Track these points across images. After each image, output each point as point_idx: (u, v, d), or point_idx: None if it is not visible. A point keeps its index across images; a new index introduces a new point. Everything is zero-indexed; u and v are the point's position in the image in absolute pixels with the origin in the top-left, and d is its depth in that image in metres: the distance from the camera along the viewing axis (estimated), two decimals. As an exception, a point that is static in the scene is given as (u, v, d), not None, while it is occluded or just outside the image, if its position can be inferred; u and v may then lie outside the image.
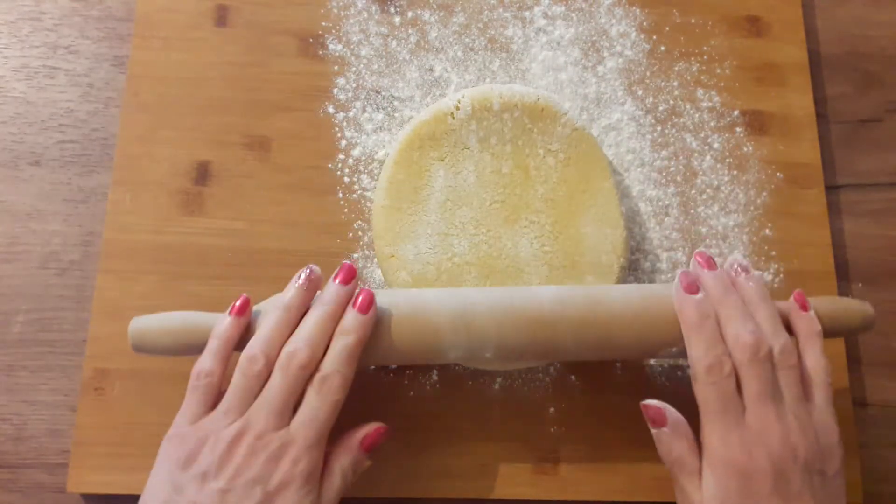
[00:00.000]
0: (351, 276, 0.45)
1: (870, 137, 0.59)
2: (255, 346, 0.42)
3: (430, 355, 0.45)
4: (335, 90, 0.56)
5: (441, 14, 0.58)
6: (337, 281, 0.44)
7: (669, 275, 0.53)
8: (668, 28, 0.59)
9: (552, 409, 0.51)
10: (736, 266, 0.45)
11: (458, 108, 0.51)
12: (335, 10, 0.58)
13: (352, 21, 0.58)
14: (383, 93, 0.56)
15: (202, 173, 0.54)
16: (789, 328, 0.45)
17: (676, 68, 0.58)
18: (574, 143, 0.51)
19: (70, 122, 0.56)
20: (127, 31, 0.58)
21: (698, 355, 0.42)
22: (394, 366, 0.51)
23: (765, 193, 0.56)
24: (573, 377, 0.51)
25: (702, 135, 0.57)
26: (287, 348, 0.42)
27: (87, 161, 0.56)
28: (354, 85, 0.56)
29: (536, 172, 0.51)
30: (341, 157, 0.55)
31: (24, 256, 0.54)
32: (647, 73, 0.58)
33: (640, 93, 0.57)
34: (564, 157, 0.51)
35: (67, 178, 0.55)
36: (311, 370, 0.42)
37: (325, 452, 0.42)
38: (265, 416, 0.40)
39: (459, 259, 0.50)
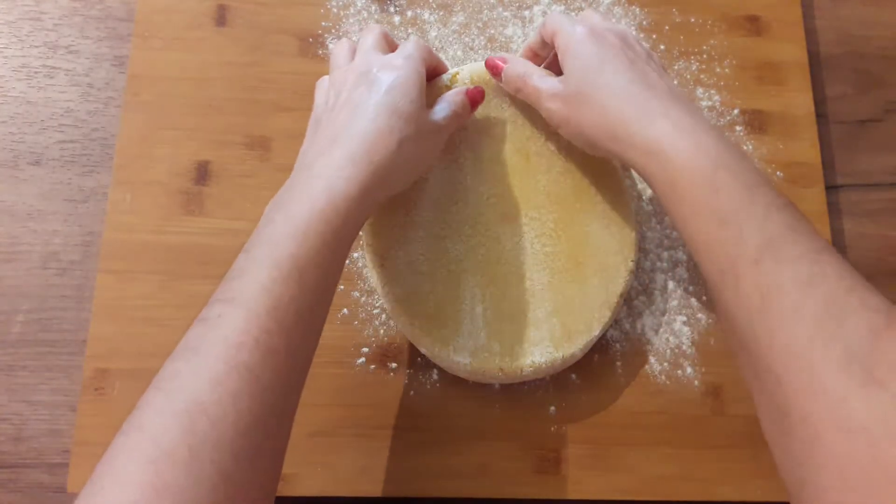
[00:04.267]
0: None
1: (870, 137, 0.59)
2: None
3: None
4: (335, 90, 0.56)
5: (441, 13, 0.58)
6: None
7: (670, 273, 0.53)
8: (667, 27, 0.59)
9: (553, 409, 0.51)
10: None
11: (454, 81, 0.49)
12: (335, 10, 0.58)
13: (351, 21, 0.58)
14: (383, 92, 0.56)
15: (202, 173, 0.54)
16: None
17: (676, 67, 0.58)
18: None
19: (70, 122, 0.56)
20: (127, 31, 0.58)
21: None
22: (394, 364, 0.51)
23: (765, 193, 0.56)
24: (573, 376, 0.51)
25: (702, 134, 0.57)
26: None
27: (87, 161, 0.56)
28: (354, 85, 0.56)
29: (538, 159, 0.49)
30: (341, 156, 0.55)
31: (24, 256, 0.54)
32: (647, 73, 0.58)
33: (639, 92, 0.57)
34: (567, 140, 0.48)
35: (67, 178, 0.55)
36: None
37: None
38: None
39: (455, 266, 0.48)
